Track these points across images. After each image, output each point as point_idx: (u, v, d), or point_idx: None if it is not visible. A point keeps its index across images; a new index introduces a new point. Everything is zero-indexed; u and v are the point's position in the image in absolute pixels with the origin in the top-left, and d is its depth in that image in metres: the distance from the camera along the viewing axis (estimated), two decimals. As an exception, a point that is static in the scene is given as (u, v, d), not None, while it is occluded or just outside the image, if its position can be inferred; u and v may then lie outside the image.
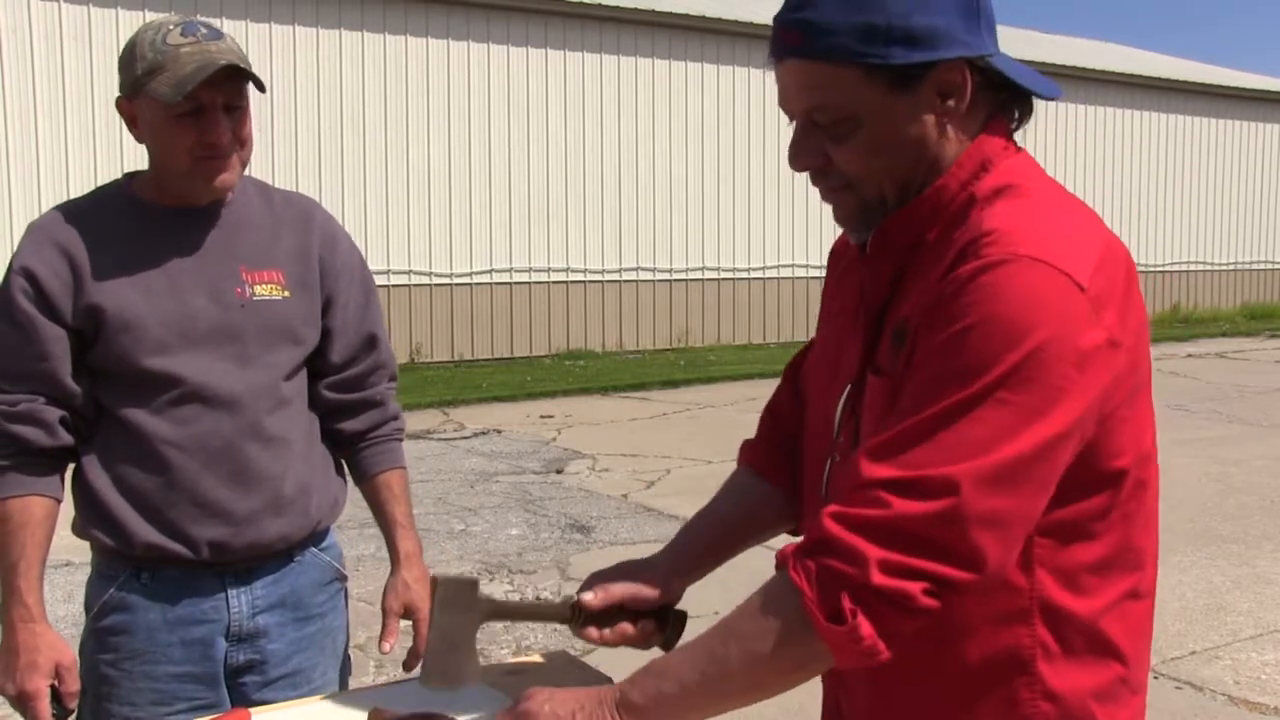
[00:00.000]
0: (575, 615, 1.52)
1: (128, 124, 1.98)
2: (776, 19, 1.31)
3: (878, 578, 1.15)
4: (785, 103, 1.33)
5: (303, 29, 12.70)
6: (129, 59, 1.92)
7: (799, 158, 1.33)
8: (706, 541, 1.62)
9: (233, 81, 1.91)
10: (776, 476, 1.62)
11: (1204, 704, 4.14)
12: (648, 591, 1.54)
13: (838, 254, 1.57)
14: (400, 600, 2.14)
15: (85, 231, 1.97)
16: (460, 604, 1.50)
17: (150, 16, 11.63)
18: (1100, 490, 1.27)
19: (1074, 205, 1.31)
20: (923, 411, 1.18)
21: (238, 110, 1.94)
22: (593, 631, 1.54)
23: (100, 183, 2.14)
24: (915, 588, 1.15)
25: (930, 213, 1.30)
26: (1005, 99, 1.34)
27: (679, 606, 1.59)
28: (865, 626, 1.15)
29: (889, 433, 1.20)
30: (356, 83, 13.13)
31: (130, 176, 2.06)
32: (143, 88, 1.89)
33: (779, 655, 1.20)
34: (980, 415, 1.16)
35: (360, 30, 13.14)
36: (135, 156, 11.54)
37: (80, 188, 11.25)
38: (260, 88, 1.95)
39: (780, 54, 1.30)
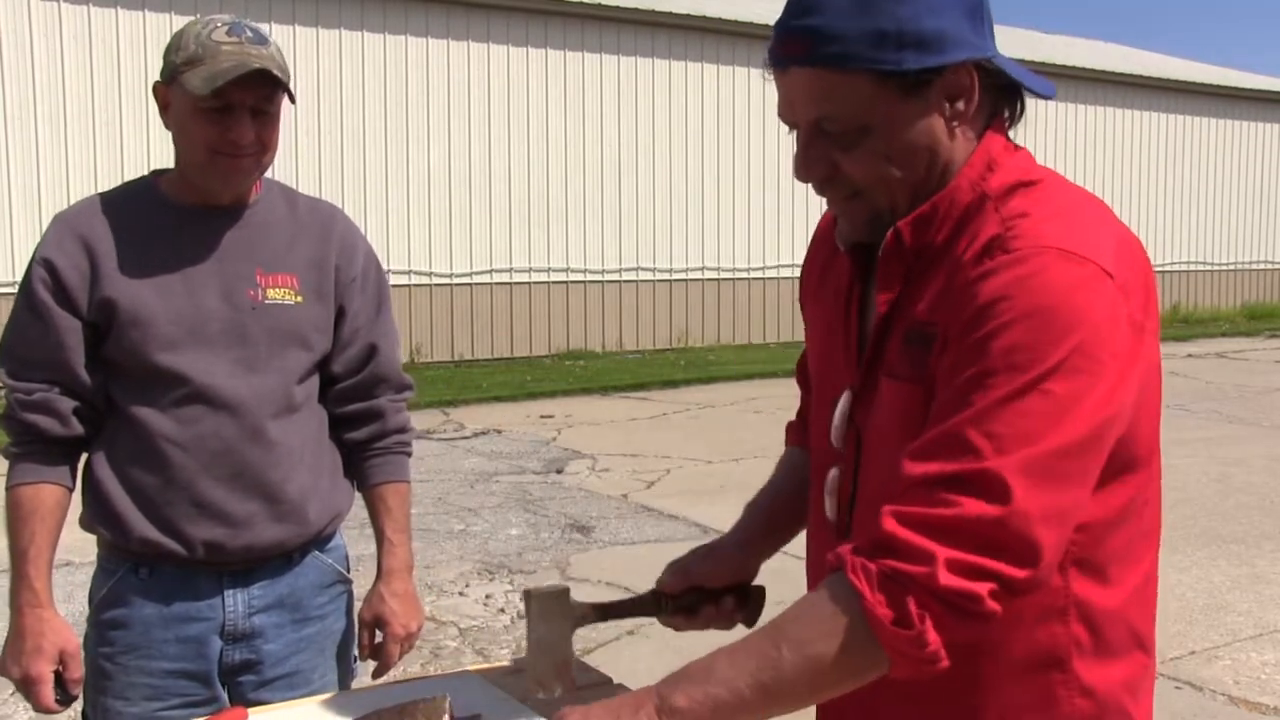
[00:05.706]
0: (661, 604, 1.56)
1: (160, 109, 1.99)
2: (779, 26, 1.27)
3: (946, 578, 1.12)
4: (789, 112, 1.30)
5: (303, 29, 12.70)
6: (173, 46, 1.94)
7: (807, 168, 1.31)
8: (769, 516, 1.64)
9: (265, 86, 1.91)
10: None
11: (1204, 704, 4.13)
12: (724, 570, 1.57)
13: (822, 238, 1.54)
14: (371, 611, 2.16)
15: (108, 225, 1.98)
16: (553, 614, 1.53)
17: (150, 17, 11.69)
18: (1128, 477, 1.28)
19: (1086, 197, 1.31)
20: (970, 408, 1.16)
21: (265, 115, 1.94)
22: (680, 620, 1.57)
23: (99, 182, 2.15)
24: (983, 589, 1.12)
25: (944, 215, 1.29)
26: (1002, 98, 1.34)
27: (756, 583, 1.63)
28: (932, 632, 1.13)
29: (935, 431, 1.18)
30: (356, 83, 13.13)
31: (157, 174, 2.07)
32: (178, 76, 1.91)
33: (836, 661, 1.16)
34: (1028, 407, 1.15)
35: (360, 30, 13.14)
36: (136, 156, 11.49)
37: (80, 188, 11.28)
38: (291, 99, 1.96)
39: (784, 63, 1.27)
